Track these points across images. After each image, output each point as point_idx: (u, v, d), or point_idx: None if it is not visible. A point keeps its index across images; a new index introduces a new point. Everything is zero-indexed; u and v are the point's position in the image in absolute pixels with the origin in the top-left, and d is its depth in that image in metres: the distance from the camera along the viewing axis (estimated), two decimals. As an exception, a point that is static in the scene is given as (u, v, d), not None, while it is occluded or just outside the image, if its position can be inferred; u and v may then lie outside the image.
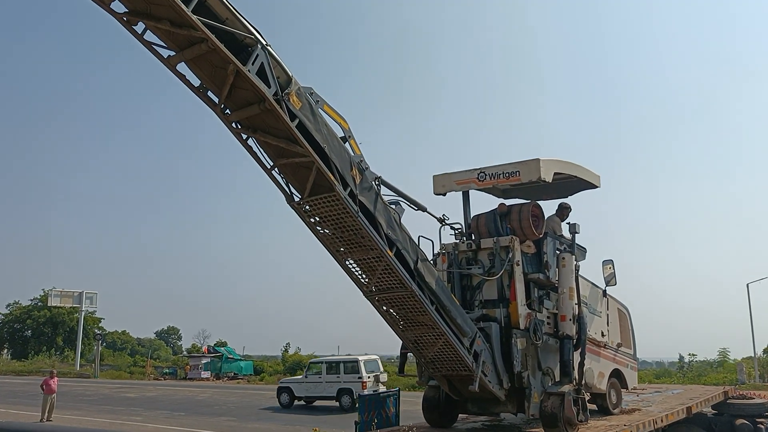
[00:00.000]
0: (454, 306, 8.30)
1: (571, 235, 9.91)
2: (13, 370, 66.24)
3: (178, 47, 6.19)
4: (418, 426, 9.63)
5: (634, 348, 11.88)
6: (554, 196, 10.66)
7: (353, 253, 7.79)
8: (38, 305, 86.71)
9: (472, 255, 9.50)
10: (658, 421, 10.36)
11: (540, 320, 9.23)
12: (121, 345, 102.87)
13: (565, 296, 9.43)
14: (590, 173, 10.45)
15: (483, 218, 9.66)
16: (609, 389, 10.78)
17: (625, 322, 11.68)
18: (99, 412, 26.37)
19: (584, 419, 9.08)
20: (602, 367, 10.62)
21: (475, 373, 8.34)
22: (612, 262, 10.82)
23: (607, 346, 10.88)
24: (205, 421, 23.18)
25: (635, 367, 11.97)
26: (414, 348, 8.72)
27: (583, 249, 10.28)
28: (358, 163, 7.35)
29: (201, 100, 6.67)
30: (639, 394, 12.77)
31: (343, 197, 7.04)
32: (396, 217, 7.79)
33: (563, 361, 9.25)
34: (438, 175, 10.11)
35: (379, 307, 8.31)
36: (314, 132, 6.82)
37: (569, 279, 9.49)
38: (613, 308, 11.30)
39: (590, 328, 10.25)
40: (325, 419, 22.86)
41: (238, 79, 6.31)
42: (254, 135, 6.96)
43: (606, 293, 10.99)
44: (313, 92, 6.94)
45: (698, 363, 40.92)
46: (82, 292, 68.17)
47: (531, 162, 9.21)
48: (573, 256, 9.67)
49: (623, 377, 11.32)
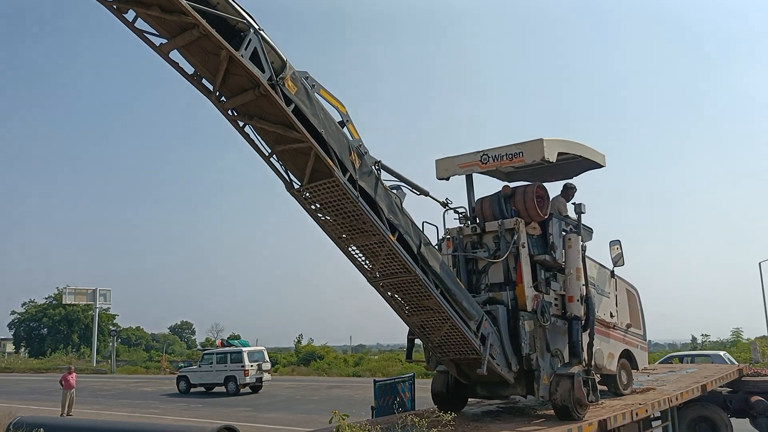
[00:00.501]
0: (459, 289, 8.22)
1: (576, 216, 9.77)
2: (31, 367, 67.17)
3: (170, 34, 6.10)
4: (430, 411, 9.57)
5: (644, 328, 11.76)
6: (559, 178, 10.53)
7: (355, 239, 7.71)
8: (53, 303, 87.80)
9: (477, 239, 9.41)
10: (672, 400, 10.36)
11: (547, 302, 9.13)
12: (135, 341, 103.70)
13: (572, 277, 9.33)
14: (595, 152, 10.32)
15: (487, 201, 9.55)
16: (619, 370, 10.70)
17: (634, 303, 11.57)
18: (117, 406, 26.95)
19: (594, 400, 9.01)
20: (612, 347, 10.53)
21: (482, 356, 8.27)
22: (619, 242, 10.71)
23: (617, 327, 10.77)
24: (222, 411, 23.76)
25: (645, 347, 11.86)
26: (420, 333, 8.65)
27: (590, 229, 10.17)
28: (356, 147, 7.26)
29: (196, 88, 6.62)
30: (650, 374, 12.68)
31: (342, 182, 6.96)
32: (397, 202, 7.70)
33: (572, 342, 9.16)
34: (440, 159, 10.01)
35: (384, 292, 8.24)
36: (311, 117, 6.74)
37: (576, 259, 9.38)
38: (622, 289, 11.19)
39: (599, 309, 10.15)
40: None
41: (232, 65, 6.22)
42: (251, 122, 6.88)
43: (614, 274, 10.88)
44: (308, 76, 6.85)
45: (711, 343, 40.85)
46: (95, 289, 68.87)
47: (534, 142, 9.08)
48: (579, 237, 9.55)
49: (633, 358, 11.22)
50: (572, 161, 10.35)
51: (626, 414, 8.85)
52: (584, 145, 10.03)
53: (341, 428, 6.67)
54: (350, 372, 44.73)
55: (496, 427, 8.36)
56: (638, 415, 9.11)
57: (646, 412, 9.53)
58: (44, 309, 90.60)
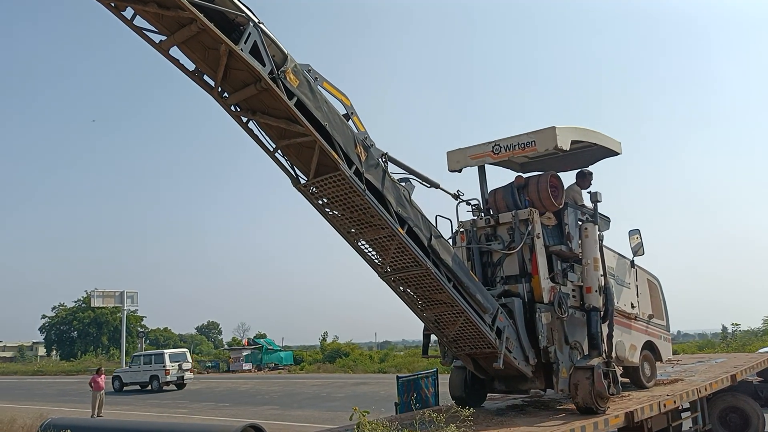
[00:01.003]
0: (473, 282, 8.07)
1: (593, 204, 9.55)
2: (62, 370, 68.33)
3: (169, 30, 6.04)
4: (450, 407, 9.46)
5: (667, 319, 11.49)
6: (574, 167, 10.27)
7: (364, 233, 7.60)
8: (82, 307, 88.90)
9: (491, 231, 9.24)
10: (701, 390, 10.16)
11: (565, 293, 8.94)
12: (163, 342, 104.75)
13: (590, 267, 9.11)
14: (610, 140, 10.06)
15: (500, 192, 9.38)
16: (642, 362, 10.45)
17: (655, 293, 11.29)
18: (146, 406, 27.33)
19: (615, 392, 8.79)
20: (634, 339, 10.29)
21: (498, 350, 8.12)
22: (639, 231, 10.45)
23: (638, 318, 10.52)
24: (250, 410, 23.89)
25: (669, 338, 11.58)
26: (435, 328, 8.53)
27: (607, 218, 9.94)
28: (362, 140, 7.14)
29: (198, 85, 6.55)
30: (674, 365, 12.42)
31: (348, 176, 6.84)
32: (406, 194, 7.56)
33: (591, 333, 8.96)
34: (452, 150, 9.84)
35: (396, 287, 8.12)
36: (314, 110, 6.63)
37: (593, 249, 9.16)
38: (643, 279, 10.92)
39: (619, 300, 9.93)
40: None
41: (232, 59, 6.14)
42: (254, 117, 6.80)
43: (634, 264, 10.63)
44: (311, 69, 6.74)
45: (742, 333, 40.16)
46: (123, 291, 69.34)
47: (546, 130, 8.87)
48: (596, 226, 9.32)
49: (656, 349, 10.95)
50: (587, 149, 10.10)
51: (653, 405, 8.68)
52: (599, 132, 9.79)
53: (362, 425, 6.68)
54: (376, 368, 44.85)
55: (521, 422, 8.23)
56: (666, 406, 8.95)
57: (675, 403, 9.36)
58: (74, 312, 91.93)
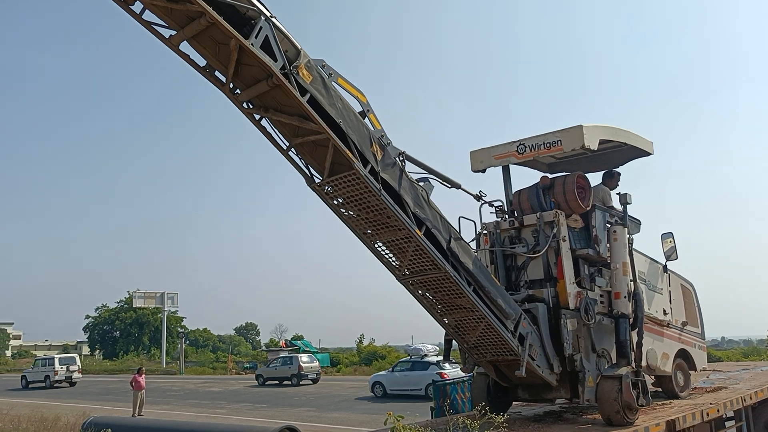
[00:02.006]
0: (494, 286, 7.80)
1: (622, 206, 9.18)
2: (105, 369, 69.64)
3: (178, 25, 5.92)
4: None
5: (702, 326, 11.02)
6: (604, 167, 9.93)
7: (381, 234, 7.40)
8: (124, 307, 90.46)
9: (515, 233, 8.94)
10: (746, 399, 9.85)
11: (592, 299, 8.60)
12: (203, 342, 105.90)
13: (619, 272, 8.76)
14: (641, 139, 9.68)
15: (525, 193, 9.07)
16: (675, 371, 10.03)
17: (689, 299, 10.84)
18: (186, 406, 27.73)
19: (645, 403, 8.42)
20: (666, 347, 9.88)
21: (521, 358, 7.83)
22: (672, 235, 10.04)
23: (671, 325, 10.11)
24: (287, 412, 24.14)
25: (704, 346, 11.11)
26: (455, 333, 8.27)
27: (637, 221, 9.57)
28: (378, 138, 6.94)
29: (209, 81, 6.43)
30: (709, 375, 11.97)
31: (363, 175, 6.65)
32: (424, 194, 7.34)
33: (619, 341, 8.60)
34: (475, 150, 9.56)
35: (415, 291, 7.90)
36: (328, 107, 6.46)
37: (622, 253, 8.80)
38: (676, 284, 10.49)
39: (651, 307, 9.57)
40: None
41: (243, 55, 6.00)
42: (266, 114, 6.66)
43: (667, 269, 10.21)
44: (325, 65, 6.57)
45: (789, 339, 38.95)
46: (163, 292, 70.56)
47: (573, 129, 8.55)
48: (625, 229, 8.95)
49: (690, 358, 10.51)
50: (617, 150, 9.76)
51: (696, 414, 8.45)
52: (629, 131, 9.42)
53: (396, 429, 6.67)
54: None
55: (558, 429, 8.08)
56: (709, 415, 8.69)
57: (718, 412, 9.06)
58: (116, 313, 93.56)
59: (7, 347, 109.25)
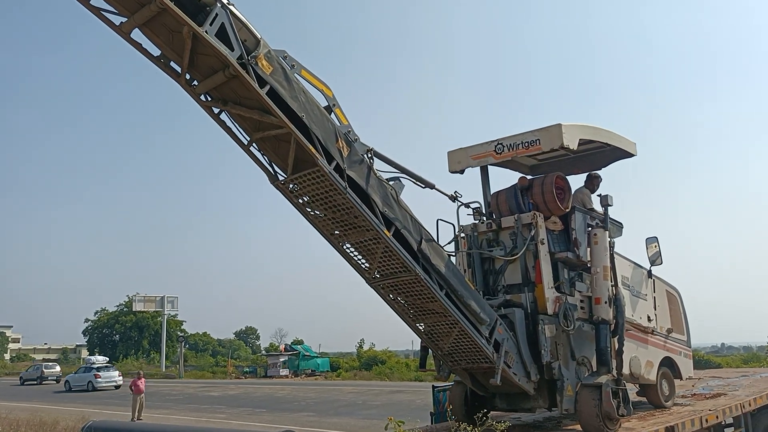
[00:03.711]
0: (468, 290, 7.49)
1: (603, 209, 8.87)
2: (104, 373, 68.87)
3: (128, 11, 5.62)
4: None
5: (688, 334, 10.69)
6: (587, 169, 9.61)
7: (349, 235, 7.11)
8: (124, 311, 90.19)
9: (493, 236, 8.64)
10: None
11: (572, 304, 8.29)
12: (202, 346, 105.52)
13: (599, 276, 8.44)
14: (624, 140, 9.37)
15: (503, 195, 8.76)
16: (660, 380, 9.70)
17: (675, 306, 10.50)
18: (185, 411, 27.61)
19: (626, 413, 8.09)
20: (650, 355, 9.56)
21: (496, 365, 7.53)
22: (657, 239, 9.73)
23: (655, 332, 9.79)
24: (286, 416, 23.92)
25: (689, 354, 10.77)
26: (428, 339, 7.97)
27: (619, 224, 9.26)
28: (345, 134, 6.65)
29: (164, 72, 6.13)
30: (695, 384, 11.68)
31: (327, 172, 6.35)
32: (393, 194, 7.04)
33: (599, 348, 8.29)
34: (452, 150, 9.27)
35: (386, 295, 7.59)
36: (289, 99, 6.16)
37: (603, 257, 8.49)
38: (661, 290, 10.16)
39: (635, 313, 9.26)
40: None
41: (198, 43, 5.71)
42: (225, 108, 6.36)
43: (651, 274, 9.89)
44: (287, 56, 6.28)
45: (790, 346, 38.80)
46: (163, 296, 70.38)
47: (552, 128, 8.25)
48: (606, 232, 8.63)
49: (676, 366, 10.16)
50: (600, 151, 9.47)
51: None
52: (611, 131, 9.12)
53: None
54: (412, 377, 44.17)
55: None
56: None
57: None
58: (116, 316, 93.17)
59: (5, 350, 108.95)
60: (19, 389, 48.36)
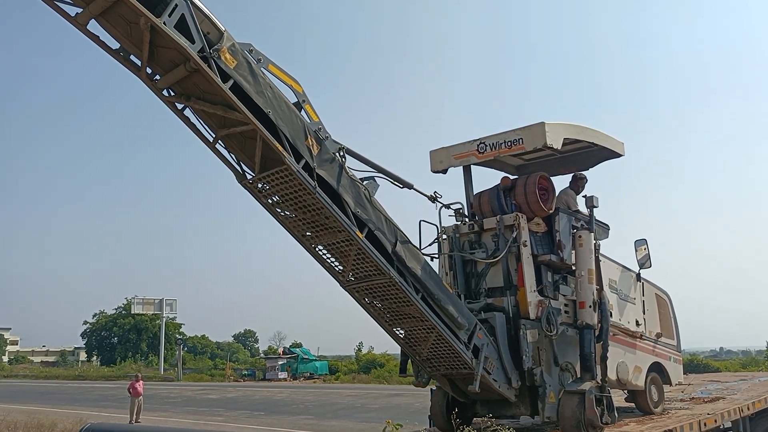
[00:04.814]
0: (446, 294, 7.25)
1: (588, 210, 8.60)
2: (102, 375, 69.06)
3: (83, 1, 5.38)
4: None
5: (678, 338, 10.40)
6: (573, 170, 9.34)
7: (321, 237, 6.87)
8: (122, 313, 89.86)
9: (475, 237, 8.38)
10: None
11: (555, 308, 8.04)
12: (201, 349, 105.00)
13: (584, 280, 8.17)
14: (611, 139, 9.09)
15: (486, 195, 8.51)
16: (649, 385, 9.41)
17: (665, 310, 10.22)
18: (183, 413, 27.37)
19: (610, 421, 7.87)
20: (639, 360, 9.27)
21: (475, 371, 7.27)
22: (645, 241, 9.46)
23: (644, 337, 9.51)
24: (284, 420, 23.71)
25: (679, 359, 10.48)
26: (406, 345, 7.74)
27: (605, 226, 8.99)
28: (315, 131, 6.40)
29: (124, 66, 5.88)
30: (684, 390, 11.43)
31: (295, 170, 6.10)
32: (367, 194, 6.79)
33: (583, 354, 8.03)
34: (435, 149, 9.01)
35: (361, 299, 7.36)
36: (254, 95, 5.93)
37: (587, 260, 8.22)
38: (650, 294, 9.88)
39: (623, 317, 9.01)
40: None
41: (157, 35, 5.47)
42: (189, 103, 6.14)
43: (640, 277, 9.62)
44: (253, 49, 6.05)
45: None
46: (162, 299, 70.11)
47: (535, 126, 8.00)
48: (591, 234, 8.36)
49: (665, 371, 9.86)
50: (587, 151, 9.21)
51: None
52: (597, 131, 8.85)
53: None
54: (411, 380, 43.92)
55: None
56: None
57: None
58: (114, 319, 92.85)
59: (4, 353, 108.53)
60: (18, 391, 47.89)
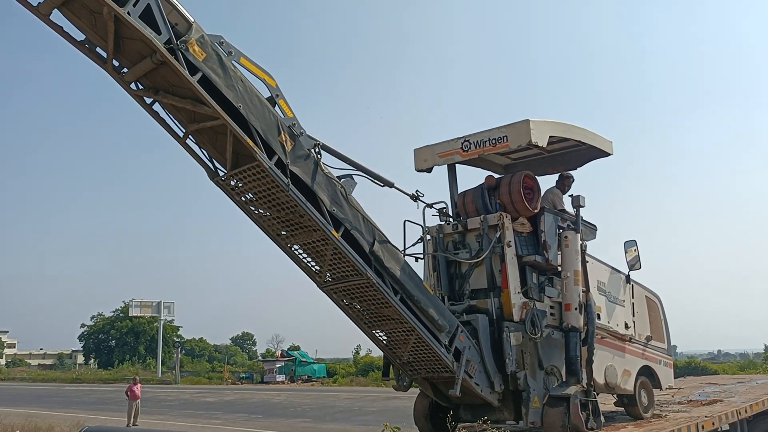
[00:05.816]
0: (426, 295, 7.04)
1: (574, 210, 8.40)
2: (100, 378, 68.83)
3: (44, -11, 5.19)
4: None
5: (668, 341, 10.19)
6: (561, 169, 9.16)
7: (296, 236, 6.67)
8: (120, 316, 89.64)
9: (458, 237, 8.18)
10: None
11: (541, 311, 7.84)
12: (199, 352, 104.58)
13: (570, 281, 7.98)
14: (599, 138, 8.89)
15: (470, 194, 8.31)
16: (638, 390, 9.20)
17: (655, 312, 10.00)
18: (181, 416, 27.08)
19: (596, 426, 7.66)
20: (628, 364, 9.07)
21: (456, 375, 7.07)
22: (635, 243, 9.25)
23: (633, 340, 9.30)
24: (282, 422, 23.46)
25: (670, 363, 10.28)
26: (386, 348, 7.58)
27: (592, 226, 8.79)
28: (289, 126, 6.20)
29: (89, 58, 5.69)
30: (674, 394, 11.23)
31: (267, 167, 5.90)
32: (343, 192, 6.58)
33: (569, 357, 7.84)
34: (419, 148, 8.82)
35: (339, 300, 7.17)
36: (224, 88, 5.73)
37: (573, 261, 8.03)
38: (640, 296, 9.67)
39: (611, 320, 8.82)
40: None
41: (122, 26, 5.29)
42: (157, 97, 5.94)
43: (630, 279, 9.42)
44: (223, 41, 5.85)
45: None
46: (160, 301, 69.85)
47: (519, 124, 7.80)
48: (578, 234, 8.16)
49: (655, 375, 9.66)
50: (574, 150, 9.02)
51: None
52: (585, 129, 8.65)
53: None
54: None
55: None
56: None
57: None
58: (112, 321, 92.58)
59: (1, 356, 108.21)
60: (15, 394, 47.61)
